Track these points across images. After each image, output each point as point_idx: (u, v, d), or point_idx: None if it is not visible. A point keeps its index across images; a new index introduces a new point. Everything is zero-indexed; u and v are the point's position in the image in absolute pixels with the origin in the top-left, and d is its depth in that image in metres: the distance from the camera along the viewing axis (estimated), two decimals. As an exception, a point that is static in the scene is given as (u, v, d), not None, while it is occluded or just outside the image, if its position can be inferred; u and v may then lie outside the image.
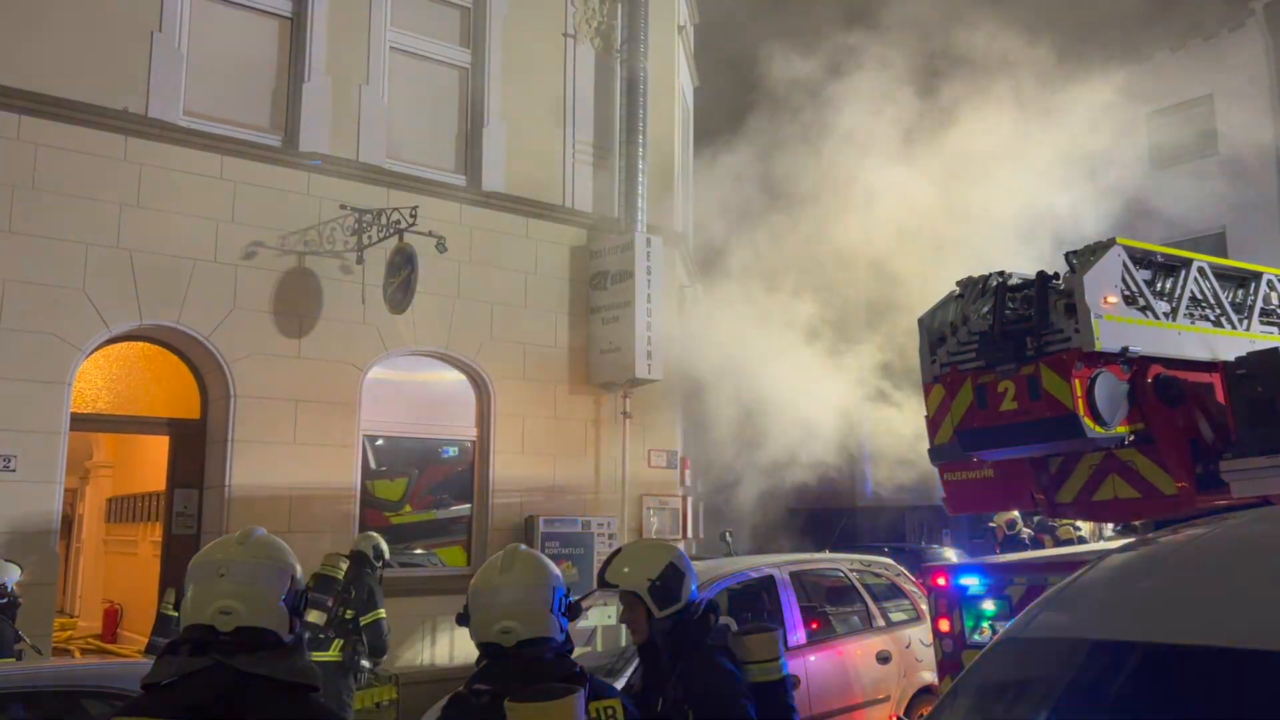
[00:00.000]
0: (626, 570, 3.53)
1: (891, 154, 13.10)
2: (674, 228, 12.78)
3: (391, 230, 9.99)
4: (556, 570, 2.95)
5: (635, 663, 6.70)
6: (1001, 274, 6.27)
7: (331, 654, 7.90)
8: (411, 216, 9.92)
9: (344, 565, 8.26)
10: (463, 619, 2.89)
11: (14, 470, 8.32)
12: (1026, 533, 14.26)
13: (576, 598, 3.03)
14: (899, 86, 13.08)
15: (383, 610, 8.18)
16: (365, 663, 8.20)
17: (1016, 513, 13.52)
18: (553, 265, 11.59)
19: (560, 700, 2.46)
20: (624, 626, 7.97)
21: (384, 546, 8.56)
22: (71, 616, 15.72)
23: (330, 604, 8.01)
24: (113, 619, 14.19)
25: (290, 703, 2.37)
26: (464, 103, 11.46)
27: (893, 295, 12.34)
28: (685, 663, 3.40)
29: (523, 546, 2.99)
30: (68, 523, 15.56)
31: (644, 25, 12.23)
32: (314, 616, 7.87)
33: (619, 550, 3.72)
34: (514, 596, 2.80)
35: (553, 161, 11.82)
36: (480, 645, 2.83)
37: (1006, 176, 12.31)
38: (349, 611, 8.07)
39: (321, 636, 7.89)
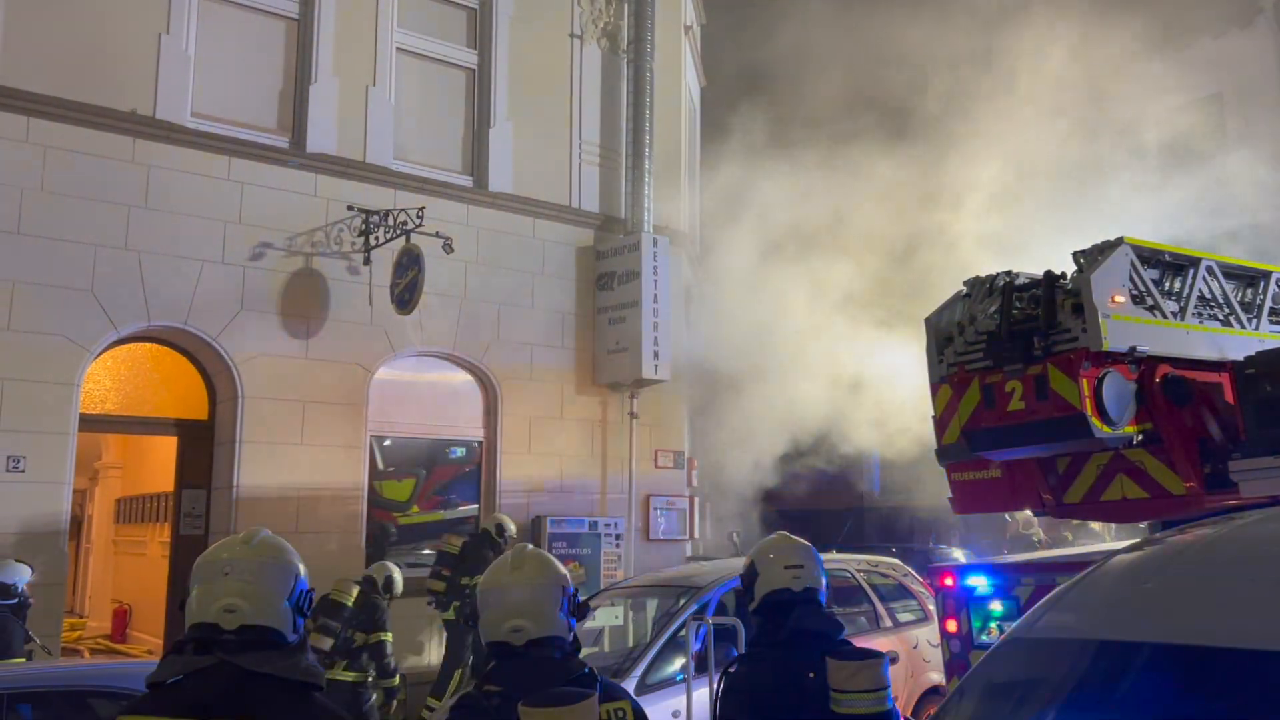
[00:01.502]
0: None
1: (896, 154, 13.09)
2: (680, 228, 12.78)
3: (398, 231, 10.01)
4: (564, 570, 2.95)
5: (644, 662, 6.71)
6: (1008, 273, 6.25)
7: (335, 673, 8.12)
8: (418, 217, 9.93)
9: (354, 591, 8.48)
10: (471, 619, 2.88)
11: (23, 471, 8.35)
12: (1037, 532, 14.18)
13: (584, 598, 3.03)
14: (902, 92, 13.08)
15: (388, 634, 8.46)
16: (370, 679, 8.38)
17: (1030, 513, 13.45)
18: (559, 266, 11.60)
19: (576, 705, 2.43)
20: (632, 627, 8.01)
21: (397, 580, 8.75)
22: (81, 617, 15.79)
23: (338, 629, 8.28)
24: (122, 619, 14.24)
25: (295, 701, 2.37)
26: (471, 104, 11.48)
27: (901, 295, 12.32)
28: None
29: (530, 546, 2.99)
30: (77, 523, 15.63)
31: (650, 26, 12.23)
32: (321, 642, 8.08)
33: None
34: (524, 595, 2.79)
35: (559, 162, 11.83)
36: (489, 645, 2.81)
37: (1014, 179, 12.29)
38: (358, 636, 8.34)
39: (327, 662, 8.12)
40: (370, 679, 8.35)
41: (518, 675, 2.67)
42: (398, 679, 8.62)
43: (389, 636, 8.45)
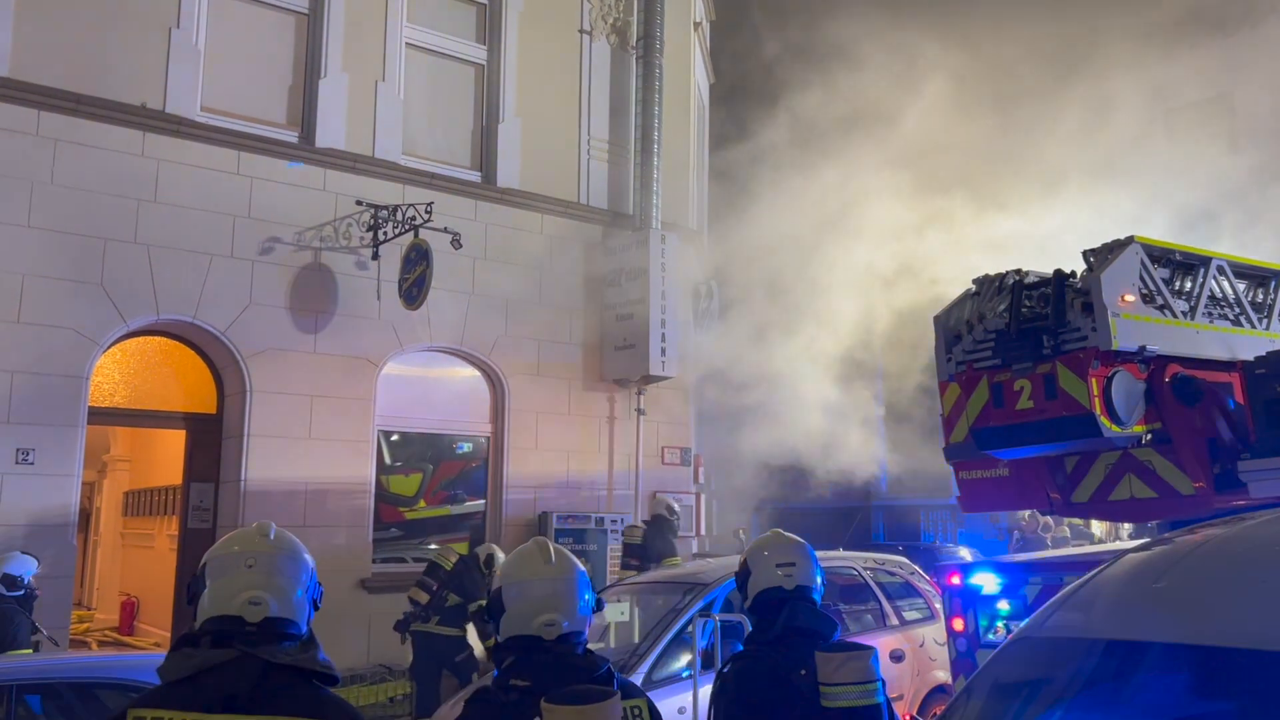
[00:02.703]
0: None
1: (911, 152, 13.05)
2: (689, 224, 12.77)
3: (407, 226, 10.02)
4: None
5: (650, 658, 6.71)
6: (1018, 272, 6.23)
7: (429, 627, 8.70)
8: (427, 212, 9.94)
9: (453, 558, 9.03)
10: (488, 613, 2.83)
11: (32, 463, 8.38)
12: (1063, 530, 14.10)
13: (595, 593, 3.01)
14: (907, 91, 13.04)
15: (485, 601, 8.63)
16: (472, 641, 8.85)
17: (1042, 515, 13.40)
18: (567, 261, 11.60)
19: (601, 703, 2.39)
20: (638, 624, 8.01)
21: (499, 558, 9.03)
22: (89, 609, 15.83)
23: (435, 588, 8.79)
24: (130, 612, 14.28)
25: (312, 694, 2.38)
26: (480, 99, 11.48)
27: (912, 295, 12.29)
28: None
29: (548, 539, 2.99)
30: (85, 516, 15.66)
31: (660, 22, 12.22)
32: (419, 595, 8.78)
33: None
34: (559, 589, 2.76)
35: (568, 158, 11.82)
36: (511, 639, 2.74)
37: (1026, 174, 12.25)
38: (453, 598, 8.73)
39: (423, 615, 8.71)
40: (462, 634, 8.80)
41: (546, 670, 2.63)
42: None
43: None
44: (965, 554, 15.26)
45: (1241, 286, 6.59)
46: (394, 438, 10.64)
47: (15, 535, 8.14)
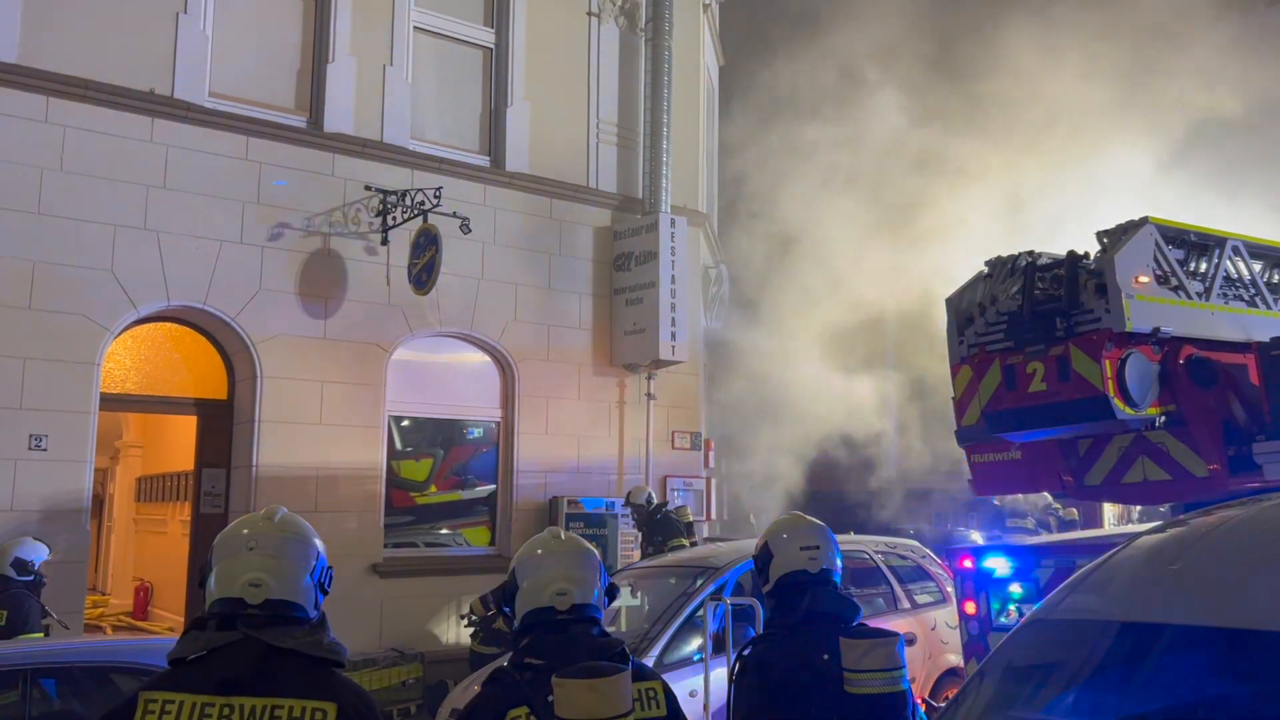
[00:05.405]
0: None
1: (935, 137, 12.97)
2: (698, 208, 12.72)
3: (416, 211, 10.00)
4: None
5: (661, 642, 6.72)
6: (1031, 254, 6.19)
7: (474, 644, 8.79)
8: (436, 197, 9.92)
9: None
10: (502, 596, 2.85)
11: (45, 449, 8.41)
12: (1071, 513, 14.05)
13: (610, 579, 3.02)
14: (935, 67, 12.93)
15: None
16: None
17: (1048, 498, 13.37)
18: (576, 246, 11.57)
19: (610, 678, 2.41)
20: (648, 608, 8.02)
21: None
22: (103, 594, 15.94)
23: (493, 607, 8.76)
24: (143, 597, 14.38)
25: (318, 677, 2.38)
26: (488, 83, 11.43)
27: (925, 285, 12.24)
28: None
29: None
30: (99, 502, 15.77)
31: (669, 4, 12.13)
32: (479, 607, 8.93)
33: None
34: (570, 561, 2.81)
35: (577, 142, 11.78)
36: (527, 616, 2.77)
37: (1057, 155, 12.16)
38: (501, 623, 8.52)
39: (476, 625, 8.86)
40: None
41: (558, 648, 2.65)
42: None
43: None
44: (977, 537, 15.22)
45: (1257, 267, 6.55)
46: (404, 423, 10.65)
47: (30, 521, 8.18)
